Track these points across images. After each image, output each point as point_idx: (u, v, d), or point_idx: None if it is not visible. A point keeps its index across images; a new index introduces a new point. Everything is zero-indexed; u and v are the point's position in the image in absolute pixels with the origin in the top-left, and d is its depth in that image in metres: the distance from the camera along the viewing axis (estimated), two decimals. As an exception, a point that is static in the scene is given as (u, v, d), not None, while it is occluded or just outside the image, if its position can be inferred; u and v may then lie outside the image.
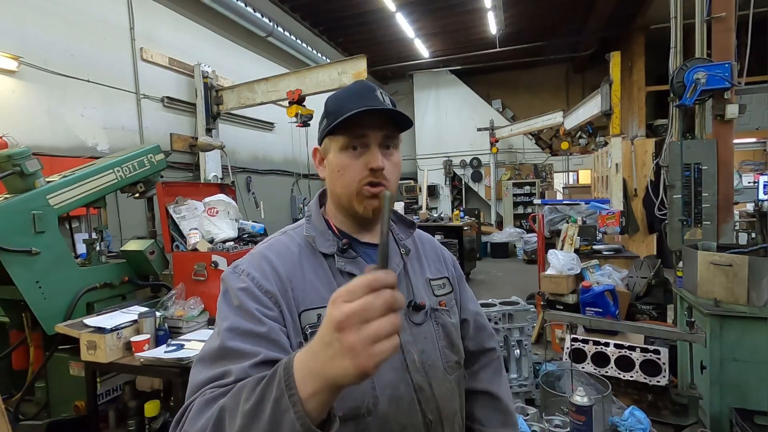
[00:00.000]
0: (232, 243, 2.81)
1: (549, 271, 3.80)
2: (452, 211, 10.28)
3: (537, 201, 8.21)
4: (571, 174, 11.56)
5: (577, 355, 2.47)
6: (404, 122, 0.79)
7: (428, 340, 0.82)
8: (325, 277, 0.77)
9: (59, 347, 2.38)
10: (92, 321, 2.14)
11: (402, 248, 0.88)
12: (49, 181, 2.52)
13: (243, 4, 6.53)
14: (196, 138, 5.71)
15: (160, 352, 1.97)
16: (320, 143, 0.83)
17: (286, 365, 0.51)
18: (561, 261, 3.74)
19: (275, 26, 7.36)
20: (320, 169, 0.84)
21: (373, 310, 0.45)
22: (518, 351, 2.53)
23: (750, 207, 4.70)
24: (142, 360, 1.95)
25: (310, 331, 0.72)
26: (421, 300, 0.83)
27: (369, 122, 0.75)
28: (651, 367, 2.31)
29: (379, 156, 0.75)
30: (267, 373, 0.53)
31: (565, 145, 10.47)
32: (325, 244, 0.80)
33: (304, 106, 5.09)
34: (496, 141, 11.61)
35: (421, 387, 0.77)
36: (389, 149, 0.78)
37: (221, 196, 3.08)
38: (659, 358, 2.30)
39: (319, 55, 9.07)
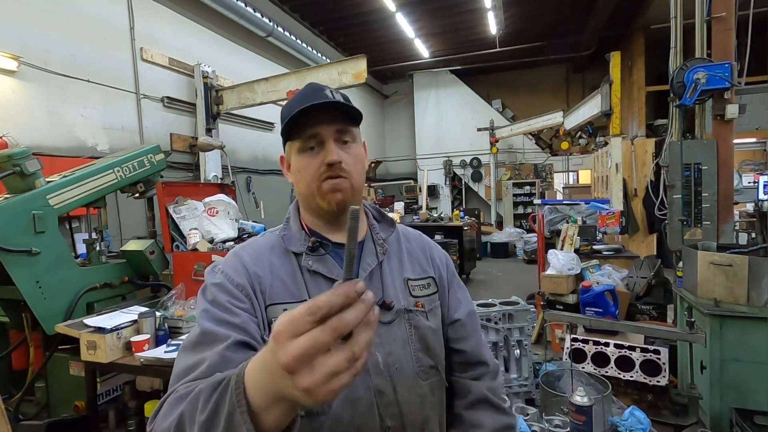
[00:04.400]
0: (232, 243, 2.81)
1: (549, 271, 3.80)
2: (452, 211, 10.28)
3: (537, 201, 8.21)
4: (571, 174, 11.56)
5: (577, 355, 2.47)
6: (356, 115, 0.80)
7: (397, 342, 0.80)
8: (293, 274, 0.80)
9: (59, 347, 2.38)
10: (92, 321, 2.14)
11: (379, 247, 0.86)
12: (49, 181, 2.52)
13: (243, 4, 6.53)
14: (196, 138, 5.71)
15: (160, 352, 1.97)
16: (285, 151, 0.85)
17: (237, 378, 0.50)
18: (561, 261, 3.74)
19: (275, 26, 7.36)
20: (288, 175, 0.86)
21: (322, 346, 0.40)
22: (518, 351, 2.53)
23: (750, 207, 4.71)
24: (142, 360, 1.95)
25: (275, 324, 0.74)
26: (388, 299, 0.81)
27: (319, 120, 0.76)
28: (651, 367, 2.31)
29: (333, 150, 0.76)
30: (221, 380, 0.53)
31: (565, 145, 10.48)
32: (295, 243, 0.83)
33: (304, 106, 5.09)
34: (496, 141, 11.61)
35: (382, 391, 0.76)
36: (347, 144, 0.79)
37: (221, 196, 3.09)
38: (659, 358, 2.31)
39: (319, 55, 9.06)
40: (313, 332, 0.40)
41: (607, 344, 2.45)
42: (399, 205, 9.58)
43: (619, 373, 2.35)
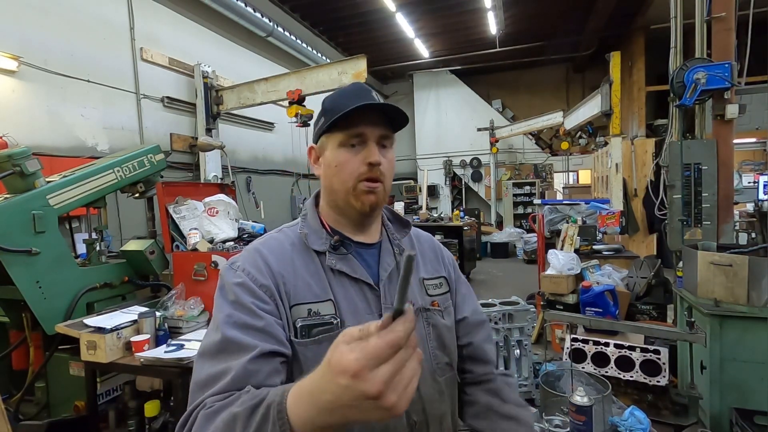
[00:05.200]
0: (232, 243, 2.81)
1: (549, 271, 3.80)
2: (452, 211, 10.28)
3: (537, 201, 8.21)
4: (571, 174, 11.56)
5: (577, 355, 2.47)
6: (399, 122, 0.81)
7: (417, 341, 0.81)
8: (316, 273, 0.79)
9: (59, 347, 2.37)
10: (92, 321, 2.14)
11: (396, 248, 0.87)
12: (49, 181, 2.52)
13: (243, 4, 6.53)
14: (196, 138, 5.71)
15: (160, 352, 1.97)
16: (316, 141, 0.85)
17: (279, 408, 0.51)
18: (561, 261, 3.74)
19: (275, 26, 7.36)
20: (315, 168, 0.86)
21: (405, 364, 0.44)
22: (518, 351, 2.53)
23: (750, 207, 4.71)
24: (142, 360, 1.95)
25: (300, 324, 0.74)
26: (410, 299, 0.82)
27: (366, 120, 0.77)
28: (651, 367, 2.31)
29: (376, 151, 0.77)
30: (258, 404, 0.54)
31: (565, 145, 10.47)
32: (317, 241, 0.82)
33: (304, 106, 5.10)
34: (496, 141, 11.61)
35: None
36: (385, 147, 0.81)
37: (221, 196, 3.08)
38: (659, 358, 2.30)
39: (319, 55, 9.07)
40: (399, 355, 0.43)
41: (607, 344, 2.45)
42: (399, 205, 9.57)
43: (619, 373, 2.35)
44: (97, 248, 2.81)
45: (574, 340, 2.53)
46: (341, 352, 0.44)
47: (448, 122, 12.70)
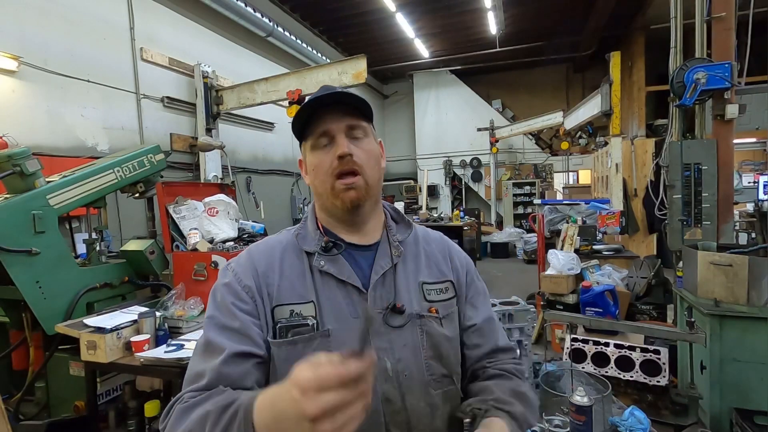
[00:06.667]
0: (232, 243, 2.81)
1: (549, 271, 3.80)
2: (452, 211, 10.27)
3: (537, 201, 8.22)
4: (571, 174, 11.56)
5: (577, 355, 2.47)
6: (365, 109, 0.80)
7: (408, 348, 0.78)
8: (302, 274, 0.79)
9: (59, 347, 2.37)
10: (92, 321, 2.14)
11: (394, 249, 0.84)
12: (49, 181, 2.52)
13: (243, 4, 6.53)
14: (196, 138, 5.71)
15: (160, 352, 1.96)
16: (302, 154, 0.86)
17: (246, 415, 0.55)
18: (561, 261, 3.74)
19: (275, 26, 7.36)
20: (306, 177, 0.86)
21: (348, 404, 0.47)
22: (518, 351, 2.53)
23: (750, 207, 4.71)
24: (142, 360, 1.95)
25: (280, 325, 0.75)
26: (400, 303, 0.79)
27: (328, 117, 0.77)
28: (651, 367, 2.31)
29: (344, 143, 0.76)
30: (229, 404, 0.59)
31: (565, 145, 10.48)
32: (310, 242, 0.82)
33: (304, 106, 5.09)
34: (496, 141, 11.61)
35: (389, 398, 0.74)
36: (359, 139, 0.79)
37: (221, 196, 3.08)
38: (659, 358, 2.31)
39: (319, 55, 9.06)
40: (342, 393, 0.46)
41: (607, 344, 2.45)
42: (399, 205, 9.58)
43: (619, 373, 2.35)
44: (97, 248, 2.81)
45: (574, 340, 2.53)
46: (302, 368, 0.48)
47: (448, 122, 12.70)
